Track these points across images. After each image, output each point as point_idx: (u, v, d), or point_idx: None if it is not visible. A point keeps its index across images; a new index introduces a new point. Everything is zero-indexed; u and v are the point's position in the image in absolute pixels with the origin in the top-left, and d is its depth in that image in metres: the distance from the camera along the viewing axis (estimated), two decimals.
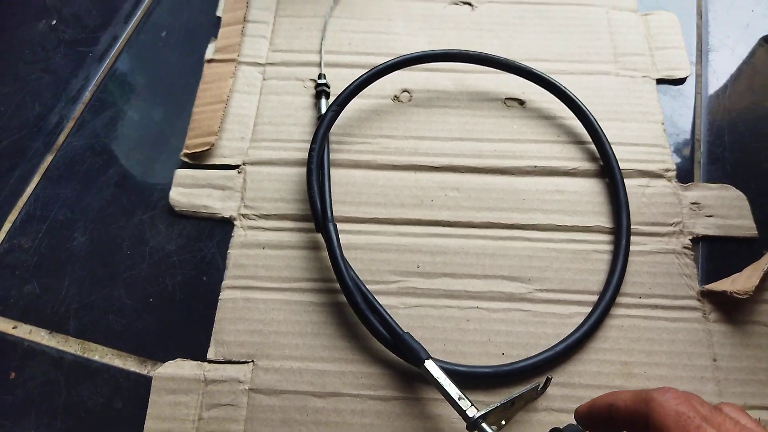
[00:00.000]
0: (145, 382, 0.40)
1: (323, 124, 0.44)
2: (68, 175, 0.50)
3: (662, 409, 0.24)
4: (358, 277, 0.41)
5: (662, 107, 0.51)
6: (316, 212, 0.41)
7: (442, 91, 0.52)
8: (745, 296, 0.40)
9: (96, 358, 0.42)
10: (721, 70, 0.54)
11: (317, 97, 0.50)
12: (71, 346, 0.42)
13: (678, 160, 0.49)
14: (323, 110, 0.48)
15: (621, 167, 0.46)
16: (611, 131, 0.49)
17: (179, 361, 0.40)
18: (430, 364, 0.34)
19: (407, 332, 0.37)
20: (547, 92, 0.50)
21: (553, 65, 0.53)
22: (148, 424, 0.38)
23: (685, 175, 0.48)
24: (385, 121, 0.51)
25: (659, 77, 0.53)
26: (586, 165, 0.47)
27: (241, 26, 0.57)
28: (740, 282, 0.41)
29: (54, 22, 0.60)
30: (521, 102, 0.51)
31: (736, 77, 0.54)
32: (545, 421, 0.37)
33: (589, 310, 0.41)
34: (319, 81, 0.51)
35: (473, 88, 0.52)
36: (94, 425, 0.39)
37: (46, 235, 0.47)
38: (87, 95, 0.55)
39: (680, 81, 0.53)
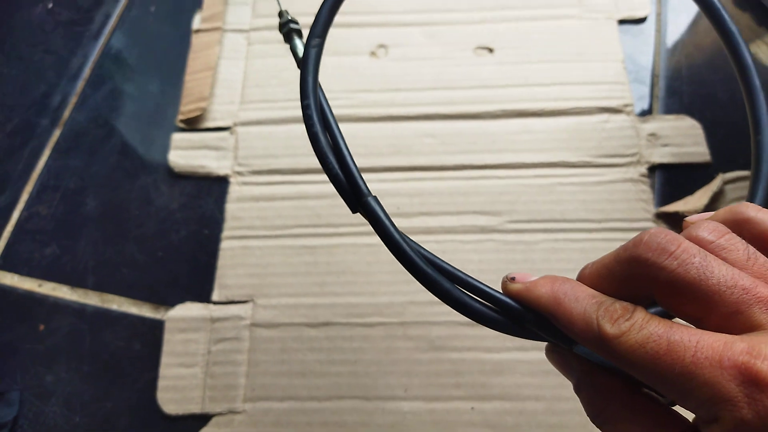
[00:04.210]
0: (159, 325, 0.45)
1: (309, 67, 0.30)
2: (75, 147, 0.54)
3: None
4: (421, 247, 0.25)
5: (624, 46, 0.54)
6: (343, 188, 0.27)
7: (415, 45, 0.55)
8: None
9: (114, 307, 0.47)
10: (681, 7, 0.57)
11: (287, 39, 0.34)
12: (91, 298, 0.47)
13: (638, 95, 0.52)
14: (299, 52, 0.32)
15: (583, 105, 0.50)
16: (575, 72, 0.52)
17: (188, 304, 0.45)
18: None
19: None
20: (514, 39, 0.54)
21: (521, 12, 0.56)
22: (164, 359, 0.43)
23: (644, 109, 0.51)
24: (362, 76, 0.54)
25: (621, 18, 0.55)
26: (552, 105, 0.51)
27: None
28: (692, 202, 0.45)
29: (50, 5, 0.64)
30: (490, 50, 0.54)
31: (698, 14, 0.57)
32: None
33: (553, 237, 0.45)
34: (282, 20, 0.34)
35: (445, 40, 0.55)
36: (117, 365, 0.44)
37: (61, 202, 0.51)
38: (86, 72, 0.59)
39: (641, 20, 0.56)
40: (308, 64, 0.30)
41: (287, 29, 0.35)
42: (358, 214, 0.26)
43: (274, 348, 0.43)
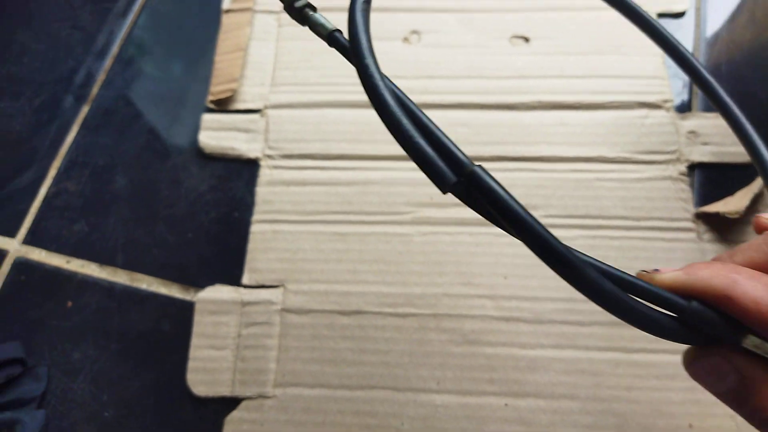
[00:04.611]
0: (188, 307, 0.45)
1: (359, 26, 0.24)
2: (105, 125, 0.54)
3: None
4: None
5: None
6: (430, 161, 0.20)
7: (449, 32, 0.55)
8: (736, 216, 0.43)
9: (143, 287, 0.46)
10: (720, 3, 0.56)
11: (303, 19, 0.27)
12: (120, 276, 0.47)
13: (677, 91, 0.51)
14: (325, 23, 0.26)
15: (621, 99, 0.49)
16: (613, 65, 0.51)
17: (218, 287, 0.45)
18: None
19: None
20: (551, 29, 0.53)
21: (558, 1, 0.55)
22: (194, 341, 0.43)
23: (683, 105, 0.50)
24: (395, 62, 0.53)
25: (659, 11, 0.54)
26: (589, 98, 0.50)
27: None
28: (732, 204, 0.44)
29: None
30: (526, 39, 0.54)
31: (736, 10, 0.56)
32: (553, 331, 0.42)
33: (591, 233, 0.45)
34: None
35: (480, 28, 0.54)
36: (145, 345, 0.44)
37: (90, 179, 0.51)
38: (115, 49, 0.58)
39: (680, 15, 0.55)
40: (358, 23, 0.24)
41: (302, 4, 0.27)
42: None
43: (305, 334, 0.43)
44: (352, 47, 0.23)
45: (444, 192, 0.20)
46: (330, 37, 0.26)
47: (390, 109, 0.21)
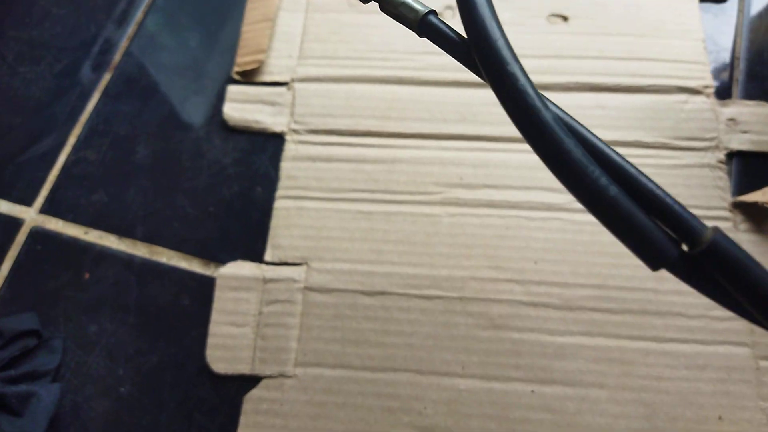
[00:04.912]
0: (208, 282, 0.44)
1: (484, 8, 0.19)
2: (127, 92, 0.52)
3: None
4: None
5: (704, 25, 0.51)
6: (641, 226, 0.15)
7: None
8: None
9: (163, 260, 0.45)
10: None
11: (428, 27, 0.22)
12: (139, 249, 0.46)
13: (717, 77, 0.49)
14: (412, 3, 0.21)
15: (661, 83, 0.48)
16: (653, 47, 0.49)
17: (239, 263, 0.44)
18: None
19: None
20: (590, 8, 0.51)
21: None
22: (215, 317, 0.42)
23: (723, 92, 0.49)
24: None
25: None
26: (628, 80, 0.48)
27: None
28: None
29: None
30: (565, 18, 0.52)
31: None
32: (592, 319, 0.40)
33: None
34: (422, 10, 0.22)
35: (517, 5, 0.53)
36: (164, 319, 0.43)
37: (110, 148, 0.50)
38: (139, 15, 0.57)
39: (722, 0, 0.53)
40: (480, 5, 0.17)
41: (428, 12, 0.21)
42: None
43: (328, 314, 0.42)
44: (480, 45, 0.16)
45: (656, 269, 0.14)
46: (423, 24, 0.19)
47: (565, 149, 0.13)
